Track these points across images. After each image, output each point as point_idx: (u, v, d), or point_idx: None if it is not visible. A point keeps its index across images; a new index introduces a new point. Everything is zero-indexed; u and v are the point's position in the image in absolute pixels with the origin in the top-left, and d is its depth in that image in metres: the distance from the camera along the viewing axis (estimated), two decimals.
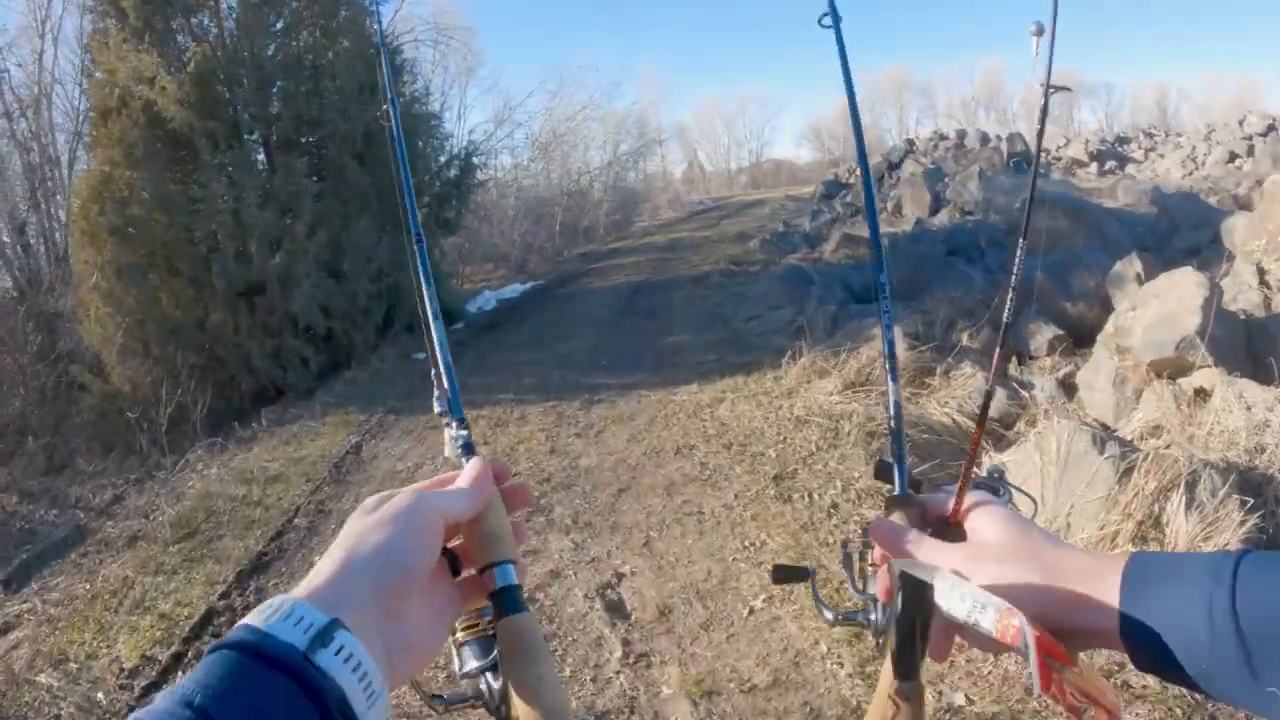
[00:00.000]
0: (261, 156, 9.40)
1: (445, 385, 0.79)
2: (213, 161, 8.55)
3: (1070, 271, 8.95)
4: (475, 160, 11.99)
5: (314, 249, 8.58)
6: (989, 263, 11.09)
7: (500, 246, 19.56)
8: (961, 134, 30.97)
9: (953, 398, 6.42)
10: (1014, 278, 0.83)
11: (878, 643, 0.71)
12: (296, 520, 5.41)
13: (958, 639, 0.66)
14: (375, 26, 9.95)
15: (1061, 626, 0.58)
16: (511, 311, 12.76)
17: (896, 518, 0.72)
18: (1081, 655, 0.59)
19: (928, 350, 6.74)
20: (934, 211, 15.74)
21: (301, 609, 0.47)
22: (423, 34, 17.00)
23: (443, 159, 11.61)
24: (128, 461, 8.58)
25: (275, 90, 9.14)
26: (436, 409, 0.79)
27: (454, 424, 0.76)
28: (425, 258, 0.84)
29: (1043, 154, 0.92)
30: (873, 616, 0.73)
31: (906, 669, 0.64)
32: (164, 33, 8.53)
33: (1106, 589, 0.58)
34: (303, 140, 9.53)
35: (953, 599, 0.60)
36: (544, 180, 24.34)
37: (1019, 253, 0.83)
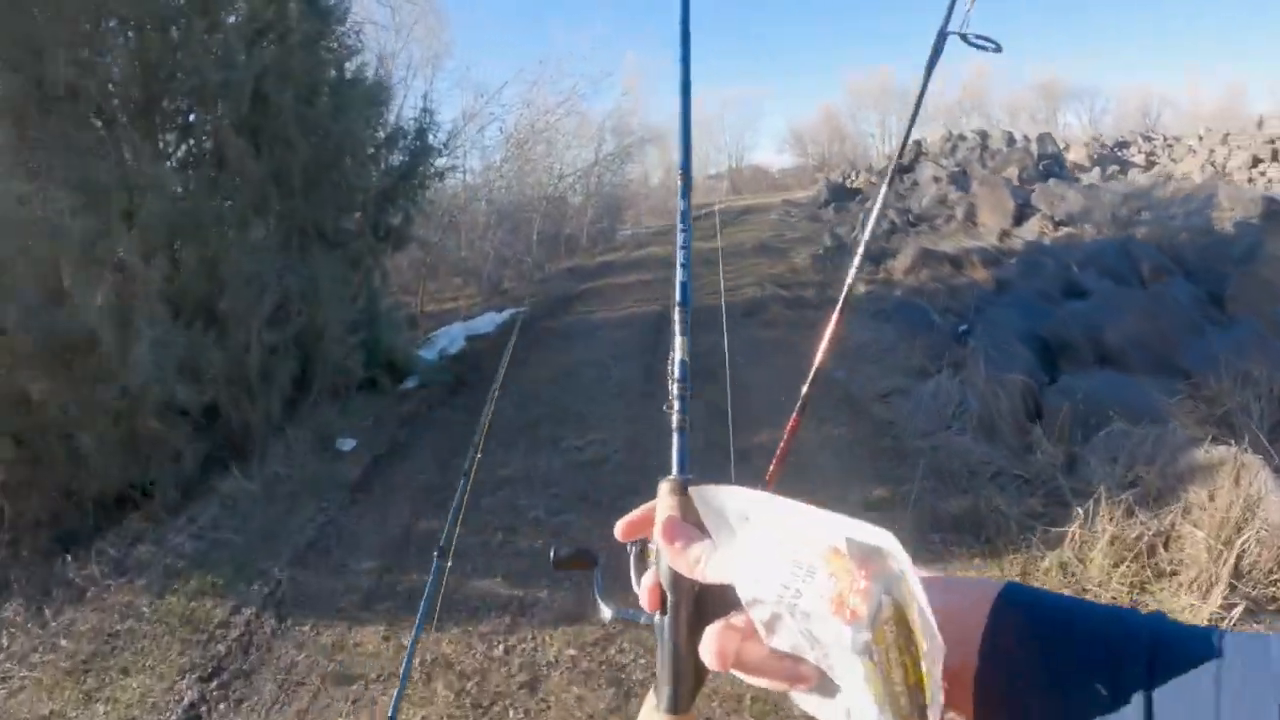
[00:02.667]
0: (94, 133, 5.81)
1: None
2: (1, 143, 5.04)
3: None
4: (433, 142, 8.05)
5: (158, 278, 5.11)
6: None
7: (470, 260, 16.06)
8: (983, 135, 28.34)
9: None
10: None
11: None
12: None
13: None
14: None
15: None
16: (485, 359, 8.92)
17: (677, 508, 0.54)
18: None
19: None
20: (1018, 221, 12.56)
21: None
22: None
23: (382, 135, 7.66)
24: None
25: (110, 30, 5.58)
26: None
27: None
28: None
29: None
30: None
31: (674, 699, 0.50)
32: None
33: (970, 607, 0.46)
34: (168, 109, 6.00)
35: (762, 558, 0.45)
36: (518, 184, 20.84)
37: None
